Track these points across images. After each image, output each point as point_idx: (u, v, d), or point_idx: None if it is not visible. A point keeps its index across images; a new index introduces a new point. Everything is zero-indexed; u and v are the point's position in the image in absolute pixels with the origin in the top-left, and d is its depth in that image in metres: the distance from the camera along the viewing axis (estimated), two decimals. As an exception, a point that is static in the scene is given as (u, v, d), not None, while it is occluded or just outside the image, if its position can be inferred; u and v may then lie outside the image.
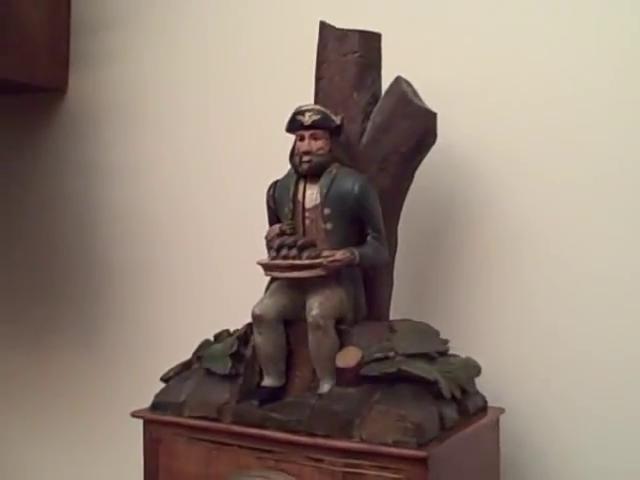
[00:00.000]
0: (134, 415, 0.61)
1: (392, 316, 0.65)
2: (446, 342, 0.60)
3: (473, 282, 0.73)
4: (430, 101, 0.63)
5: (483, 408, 0.64)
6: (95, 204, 0.95)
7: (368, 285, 0.62)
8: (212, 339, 0.63)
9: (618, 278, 0.68)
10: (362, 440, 0.52)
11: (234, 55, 0.85)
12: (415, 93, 0.62)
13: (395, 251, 0.64)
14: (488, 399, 0.64)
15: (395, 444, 0.50)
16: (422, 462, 0.50)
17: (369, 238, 0.59)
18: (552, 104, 0.69)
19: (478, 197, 0.74)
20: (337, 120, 0.59)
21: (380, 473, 0.51)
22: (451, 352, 0.63)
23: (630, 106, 0.68)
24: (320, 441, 0.53)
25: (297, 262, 0.56)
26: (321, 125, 0.58)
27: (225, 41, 0.86)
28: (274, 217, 0.61)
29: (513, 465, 0.74)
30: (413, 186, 0.65)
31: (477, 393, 0.63)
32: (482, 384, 0.64)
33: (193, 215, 0.85)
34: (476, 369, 0.60)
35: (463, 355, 0.61)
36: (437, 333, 0.62)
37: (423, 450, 0.51)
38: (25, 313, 1.02)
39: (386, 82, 0.65)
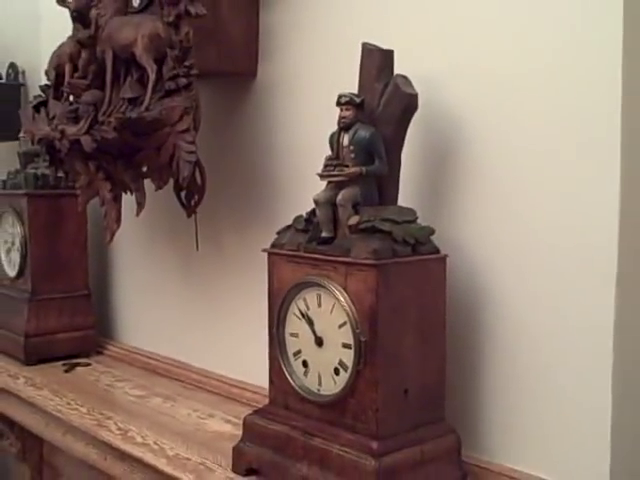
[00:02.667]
0: (264, 250, 1.20)
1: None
2: (414, 213, 1.11)
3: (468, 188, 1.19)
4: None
5: (436, 252, 1.08)
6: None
7: (380, 189, 1.14)
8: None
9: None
10: (353, 258, 1.04)
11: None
12: (405, 81, 1.12)
13: (398, 170, 1.16)
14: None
15: (364, 259, 1.04)
16: (375, 267, 1.03)
17: (376, 161, 1.12)
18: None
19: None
20: (359, 100, 1.12)
21: (358, 272, 1.04)
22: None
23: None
24: (341, 259, 1.06)
25: (333, 173, 1.11)
26: (349, 102, 1.11)
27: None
28: (331, 150, 1.16)
29: (458, 307, 1.14)
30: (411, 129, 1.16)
31: (431, 243, 1.13)
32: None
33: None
34: (430, 229, 1.09)
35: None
36: (414, 211, 1.13)
37: (378, 261, 1.03)
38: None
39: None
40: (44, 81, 1.63)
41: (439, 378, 1.10)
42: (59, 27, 1.78)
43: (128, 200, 1.50)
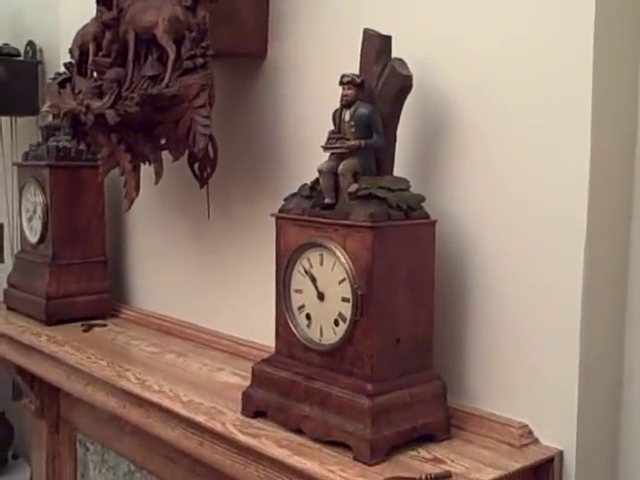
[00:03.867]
0: (272, 214, 1.32)
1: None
2: (408, 182, 1.24)
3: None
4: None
5: (426, 217, 1.21)
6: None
7: (377, 161, 1.27)
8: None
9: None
10: (352, 221, 1.16)
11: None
12: (401, 64, 1.24)
13: (394, 144, 1.29)
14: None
15: (362, 221, 1.17)
16: (371, 229, 1.15)
17: (374, 135, 1.24)
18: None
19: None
20: (359, 80, 1.24)
21: (356, 233, 1.17)
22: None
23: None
24: (341, 222, 1.18)
25: (335, 145, 1.24)
26: (351, 82, 1.23)
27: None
28: (334, 125, 1.28)
29: (446, 267, 1.26)
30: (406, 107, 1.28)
31: (422, 209, 1.26)
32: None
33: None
34: (421, 197, 1.22)
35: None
36: (407, 181, 1.26)
37: (374, 224, 1.15)
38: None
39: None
40: (62, 59, 1.74)
41: (427, 329, 1.23)
42: (77, 6, 1.91)
43: (144, 171, 1.62)
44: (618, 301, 1.19)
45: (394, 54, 1.24)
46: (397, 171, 1.27)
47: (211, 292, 1.82)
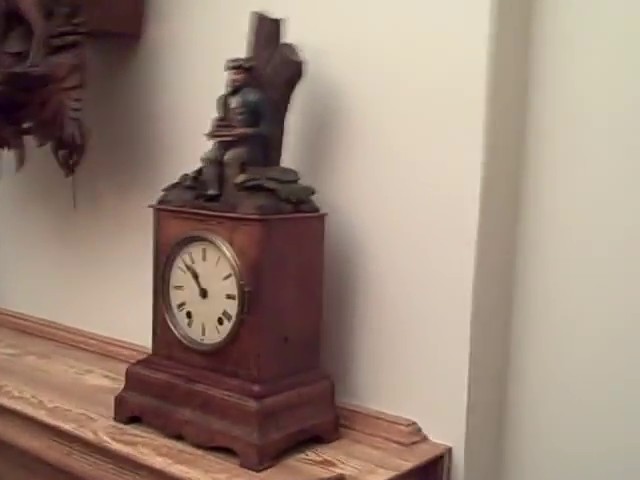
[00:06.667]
0: (150, 206, 1.24)
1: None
2: (297, 174, 1.19)
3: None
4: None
5: (316, 211, 1.16)
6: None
7: (264, 151, 1.21)
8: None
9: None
10: (239, 213, 1.10)
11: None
12: (292, 49, 1.19)
13: (282, 133, 1.23)
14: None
15: (251, 214, 1.10)
16: (260, 222, 1.09)
17: (262, 124, 1.18)
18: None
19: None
20: (248, 65, 1.17)
21: (244, 226, 1.11)
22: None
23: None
24: (227, 214, 1.12)
25: (222, 133, 1.16)
26: (239, 67, 1.17)
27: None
28: (218, 112, 1.21)
29: (334, 262, 1.22)
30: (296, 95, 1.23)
31: (312, 203, 1.21)
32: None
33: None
34: (311, 189, 1.17)
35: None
36: (296, 172, 1.21)
37: (264, 216, 1.10)
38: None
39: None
40: None
41: (316, 327, 1.18)
42: None
43: (3, 157, 1.49)
44: (506, 298, 1.19)
45: (285, 39, 1.19)
46: (284, 162, 1.21)
47: (77, 288, 1.70)
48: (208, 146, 1.18)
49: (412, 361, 1.19)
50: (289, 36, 1.19)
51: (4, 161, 1.50)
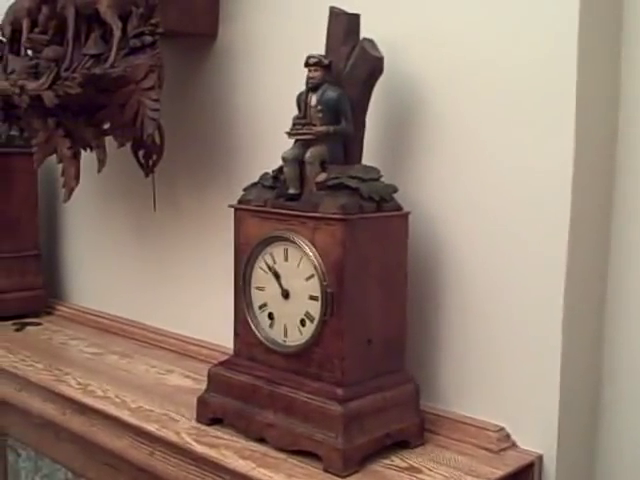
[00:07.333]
0: (230, 205, 1.22)
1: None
2: (379, 172, 1.16)
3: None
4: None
5: (399, 209, 1.13)
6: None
7: (345, 149, 1.17)
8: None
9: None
10: (321, 212, 1.07)
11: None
12: (372, 45, 1.16)
13: (363, 130, 1.20)
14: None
15: (333, 214, 1.08)
16: (343, 221, 1.07)
17: (342, 121, 1.16)
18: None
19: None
20: (326, 62, 1.15)
21: (326, 226, 1.08)
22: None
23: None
24: (309, 214, 1.09)
25: (302, 131, 1.15)
26: (318, 64, 1.14)
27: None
28: (298, 110, 1.19)
29: (418, 262, 1.19)
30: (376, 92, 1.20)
31: (394, 201, 1.18)
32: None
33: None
34: (394, 187, 1.15)
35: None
36: (378, 170, 1.18)
37: (346, 216, 1.07)
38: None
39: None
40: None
41: (400, 329, 1.15)
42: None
43: (83, 158, 1.50)
44: (598, 298, 1.14)
45: (362, 35, 1.16)
46: (365, 160, 1.18)
47: (156, 288, 1.71)
48: (288, 145, 1.16)
49: (500, 363, 1.14)
50: (365, 30, 1.15)
51: (86, 162, 1.51)
